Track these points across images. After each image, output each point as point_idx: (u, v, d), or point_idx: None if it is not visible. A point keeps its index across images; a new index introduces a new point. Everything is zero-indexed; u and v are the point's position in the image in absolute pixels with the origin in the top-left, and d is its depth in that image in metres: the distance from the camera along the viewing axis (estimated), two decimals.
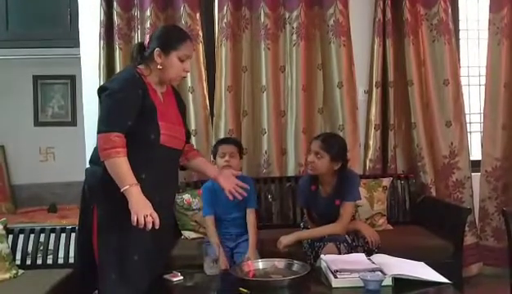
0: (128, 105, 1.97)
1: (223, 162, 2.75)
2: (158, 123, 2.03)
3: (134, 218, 1.88)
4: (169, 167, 2.18)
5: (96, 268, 2.05)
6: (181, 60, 2.09)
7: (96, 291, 2.11)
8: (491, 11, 3.56)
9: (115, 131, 1.93)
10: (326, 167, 2.66)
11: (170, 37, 2.10)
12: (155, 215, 1.92)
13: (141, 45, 2.17)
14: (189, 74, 3.05)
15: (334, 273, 2.07)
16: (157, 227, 1.92)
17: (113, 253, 2.00)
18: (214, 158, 2.87)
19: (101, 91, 2.05)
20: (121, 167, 1.92)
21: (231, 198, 2.28)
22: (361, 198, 2.89)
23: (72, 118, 4.39)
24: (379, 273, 2.03)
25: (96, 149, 2.09)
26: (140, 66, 2.11)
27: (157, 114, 2.04)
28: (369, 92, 3.57)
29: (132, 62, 2.16)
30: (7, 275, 2.49)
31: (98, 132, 1.96)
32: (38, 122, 4.39)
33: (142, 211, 1.89)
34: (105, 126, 1.95)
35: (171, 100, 2.20)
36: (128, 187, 1.90)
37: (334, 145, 2.68)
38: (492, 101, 3.57)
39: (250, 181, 2.84)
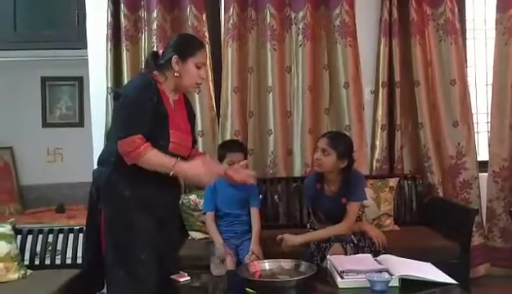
0: (143, 112, 1.99)
1: None
2: (169, 131, 2.06)
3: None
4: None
5: (104, 268, 2.07)
6: (198, 67, 2.11)
7: (102, 291, 2.13)
8: (498, 10, 3.55)
9: (136, 134, 1.96)
10: (333, 164, 2.67)
11: (187, 45, 2.14)
12: (214, 171, 2.06)
13: (155, 54, 2.19)
14: None
15: (341, 273, 2.07)
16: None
17: (120, 252, 2.02)
18: (220, 160, 2.82)
19: (117, 96, 2.08)
20: (156, 158, 1.99)
21: (249, 181, 2.34)
22: (367, 199, 2.89)
23: (80, 119, 4.41)
24: (386, 273, 2.03)
25: (104, 152, 2.13)
26: (154, 72, 2.12)
27: (168, 122, 2.06)
28: (375, 92, 3.57)
29: (146, 68, 2.18)
30: (16, 275, 2.50)
31: (119, 139, 1.97)
32: (46, 123, 4.41)
33: (203, 181, 2.11)
34: (124, 132, 1.97)
35: (182, 108, 2.21)
36: (173, 171, 1.99)
37: (341, 143, 2.69)
38: (500, 101, 3.55)
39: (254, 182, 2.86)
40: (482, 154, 3.73)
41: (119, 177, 2.01)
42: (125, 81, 3.37)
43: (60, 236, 2.77)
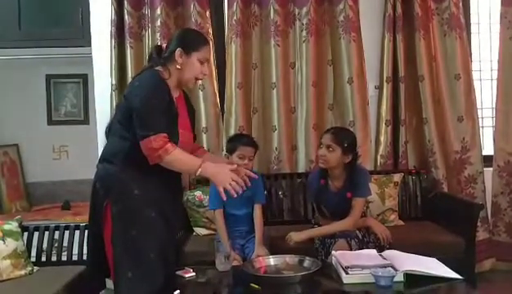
0: (162, 111, 1.99)
1: (242, 165, 2.61)
2: (178, 131, 2.06)
3: (221, 190, 2.02)
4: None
5: (106, 264, 2.07)
6: (201, 63, 2.12)
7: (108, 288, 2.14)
8: (502, 4, 3.53)
9: (161, 132, 1.96)
10: (338, 160, 2.67)
11: (192, 39, 2.15)
12: (234, 176, 2.03)
13: (159, 47, 2.19)
14: None
15: (346, 269, 2.08)
16: (240, 191, 2.05)
17: (129, 252, 2.01)
18: (230, 153, 2.78)
19: (131, 96, 2.04)
20: (183, 157, 2.00)
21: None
22: (371, 194, 2.89)
23: (84, 117, 4.42)
24: (391, 269, 2.03)
25: (110, 148, 2.11)
26: (158, 68, 2.10)
27: (178, 122, 2.07)
28: (379, 88, 3.56)
29: (151, 62, 2.16)
30: (23, 272, 2.52)
31: (143, 138, 1.95)
32: (51, 121, 4.43)
33: (221, 182, 2.02)
34: (149, 130, 1.95)
35: (183, 105, 2.21)
36: (200, 170, 2.00)
37: (345, 138, 2.69)
38: (505, 95, 3.54)
39: (259, 177, 2.84)
40: (487, 149, 3.72)
41: (128, 175, 2.02)
42: (129, 78, 3.37)
43: (66, 233, 2.79)
